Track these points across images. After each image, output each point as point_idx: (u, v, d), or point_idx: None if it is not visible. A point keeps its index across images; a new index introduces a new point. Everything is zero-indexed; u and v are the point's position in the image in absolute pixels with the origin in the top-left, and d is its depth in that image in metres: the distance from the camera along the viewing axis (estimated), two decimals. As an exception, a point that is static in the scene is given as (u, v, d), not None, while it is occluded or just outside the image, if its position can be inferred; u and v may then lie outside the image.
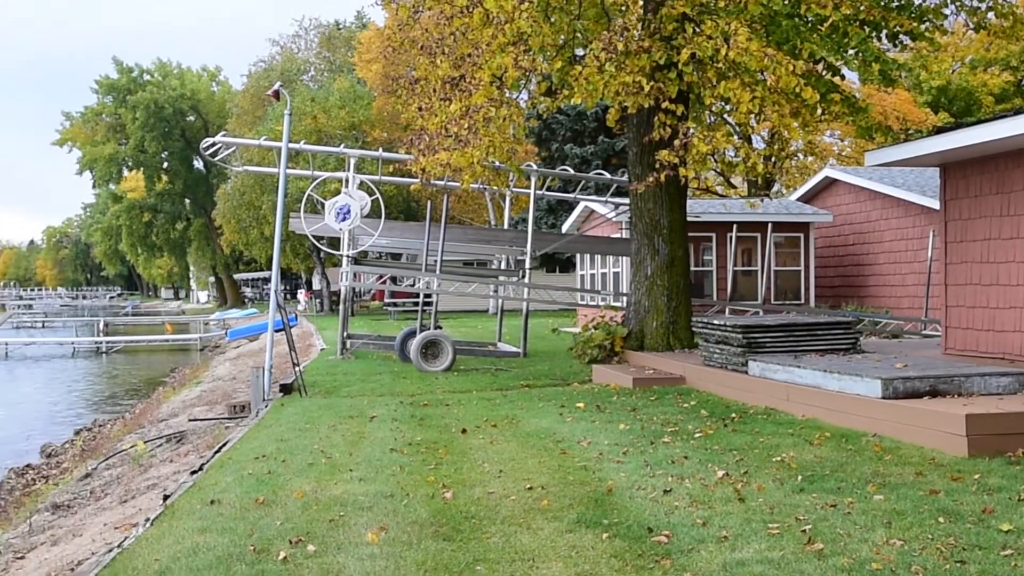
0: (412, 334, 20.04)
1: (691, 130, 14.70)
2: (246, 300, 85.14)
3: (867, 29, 14.64)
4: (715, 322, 14.15)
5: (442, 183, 20.65)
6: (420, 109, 16.51)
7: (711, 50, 13.39)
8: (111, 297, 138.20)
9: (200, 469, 9.48)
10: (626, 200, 21.73)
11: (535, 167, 23.35)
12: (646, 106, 14.47)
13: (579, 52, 16.59)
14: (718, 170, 34.93)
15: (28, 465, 18.43)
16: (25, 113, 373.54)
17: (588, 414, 11.78)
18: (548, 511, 6.97)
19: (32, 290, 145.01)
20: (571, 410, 12.17)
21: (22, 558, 9.03)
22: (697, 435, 9.85)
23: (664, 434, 9.99)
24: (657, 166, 14.77)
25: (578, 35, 16.15)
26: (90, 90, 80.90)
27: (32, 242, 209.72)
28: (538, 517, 6.82)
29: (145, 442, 15.14)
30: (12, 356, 48.82)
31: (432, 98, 16.12)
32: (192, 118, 79.24)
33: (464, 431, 10.74)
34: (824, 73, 15.96)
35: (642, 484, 7.69)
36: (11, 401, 31.43)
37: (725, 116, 19.54)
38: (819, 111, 16.36)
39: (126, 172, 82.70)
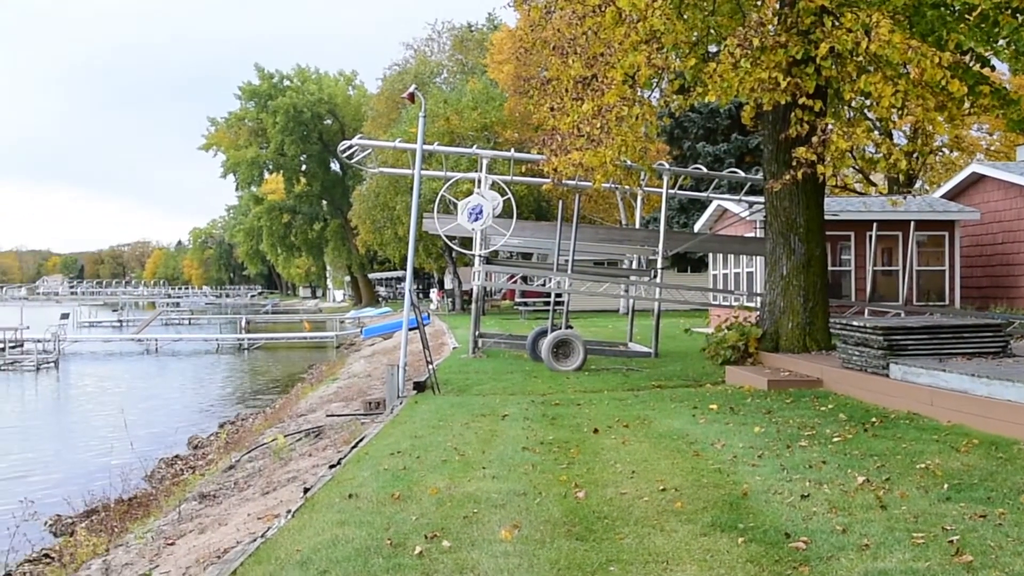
0: (543, 333, 20.12)
1: (830, 126, 14.30)
2: (380, 299, 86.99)
3: (1019, 17, 13.96)
4: (854, 323, 13.75)
5: (573, 183, 20.65)
6: (552, 109, 16.54)
7: (851, 43, 12.98)
8: (252, 296, 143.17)
9: (338, 463, 9.72)
10: (760, 198, 21.33)
11: (667, 166, 23.13)
12: (782, 102, 14.14)
13: (713, 49, 16.34)
14: (857, 167, 33.87)
15: (176, 456, 19.27)
16: (174, 120, 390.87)
17: (722, 416, 11.60)
18: (682, 513, 6.89)
19: (179, 289, 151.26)
20: (704, 411, 12.01)
21: (172, 544, 9.43)
22: (835, 439, 9.59)
23: (801, 438, 9.75)
24: (794, 163, 14.43)
25: (712, 31, 15.89)
26: (234, 96, 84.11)
27: (180, 243, 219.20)
28: (672, 519, 6.75)
29: (285, 436, 15.60)
30: (161, 352, 51.10)
31: (564, 98, 16.13)
32: (329, 121, 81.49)
33: (596, 431, 10.72)
34: (972, 64, 15.30)
35: (778, 488, 7.53)
36: (161, 395, 32.92)
37: (865, 111, 18.93)
38: (966, 104, 15.69)
39: (267, 175, 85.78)
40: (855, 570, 5.53)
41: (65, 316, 57.74)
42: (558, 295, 22.34)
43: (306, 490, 8.54)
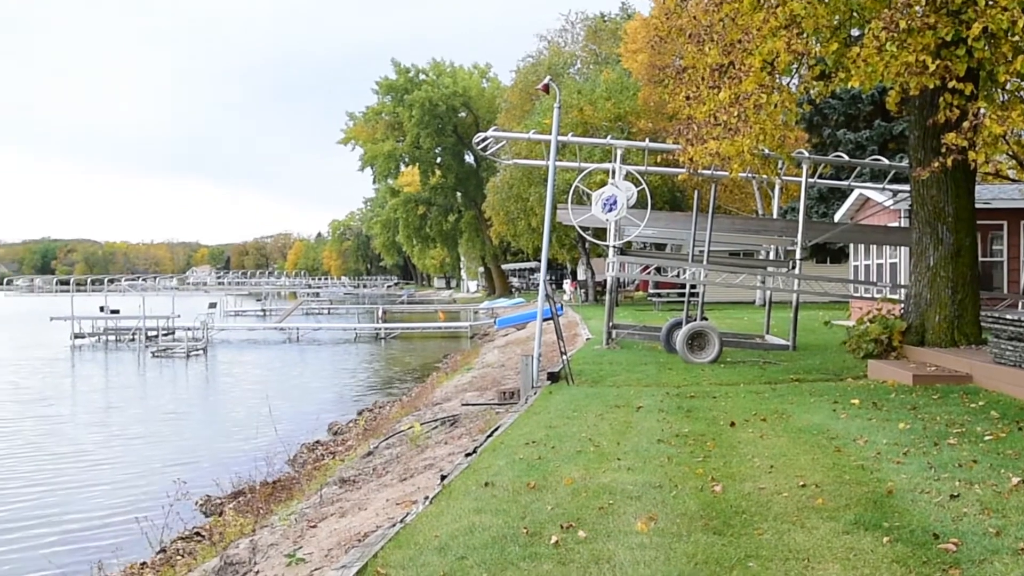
0: (677, 325, 19.92)
1: (982, 110, 13.66)
2: (513, 289, 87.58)
3: None
4: (1008, 316, 13.13)
5: (709, 172, 20.35)
6: (688, 98, 16.32)
7: (1006, 22, 12.36)
8: (388, 286, 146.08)
9: (474, 452, 9.84)
10: (906, 187, 20.60)
11: (806, 154, 22.53)
12: (930, 86, 13.58)
13: (855, 32, 15.82)
14: (1011, 153, 32.30)
15: (317, 441, 19.88)
16: (314, 116, 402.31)
17: (864, 411, 11.25)
18: (823, 510, 6.72)
19: (319, 279, 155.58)
20: (845, 406, 11.68)
21: (315, 527, 9.73)
22: (987, 438, 9.17)
23: (949, 435, 9.37)
24: (943, 150, 13.84)
25: (855, 14, 15.35)
26: (371, 91, 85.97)
27: (319, 234, 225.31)
28: (812, 516, 6.59)
29: (421, 424, 15.89)
30: (302, 340, 52.74)
31: (700, 86, 15.89)
32: (463, 114, 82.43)
33: (732, 424, 10.55)
34: None
35: (925, 487, 7.26)
36: (302, 381, 33.99)
37: (1021, 94, 18.02)
38: None
39: (403, 167, 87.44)
40: (1010, 575, 5.29)
41: (213, 305, 60.31)
42: (693, 286, 22.05)
43: (443, 477, 8.68)
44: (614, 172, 21.20)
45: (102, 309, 52.22)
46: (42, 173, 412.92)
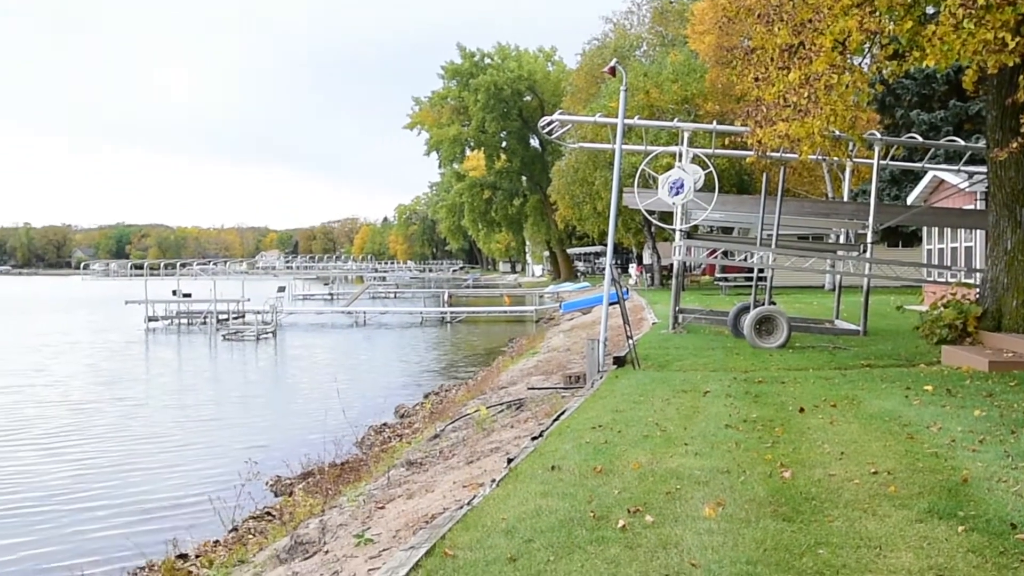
0: (745, 309, 19.72)
1: (1063, 89, 13.26)
2: (578, 274, 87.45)
3: None
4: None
5: (778, 155, 20.04)
6: (756, 79, 16.07)
7: (1089, -2, 11.97)
8: (454, 270, 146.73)
9: (540, 436, 9.86)
10: (982, 168, 20.10)
11: (878, 135, 22.06)
12: (1009, 64, 13.20)
13: (931, 10, 15.45)
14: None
15: (384, 424, 20.09)
16: (381, 101, 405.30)
17: (937, 398, 11.04)
18: (895, 498, 6.61)
19: (385, 263, 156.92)
20: (918, 393, 11.46)
21: (382, 508, 9.83)
22: (1067, 426, 8.95)
23: (1027, 423, 9.16)
24: (1022, 130, 13.48)
25: (930, -8, 15.01)
26: (436, 76, 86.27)
27: (385, 219, 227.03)
28: (884, 503, 6.49)
29: (487, 408, 15.95)
30: (369, 324, 53.27)
31: (769, 67, 15.63)
32: (529, 98, 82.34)
33: (801, 410, 10.42)
34: None
35: (1002, 476, 7.10)
36: (369, 365, 34.35)
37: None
38: None
39: (468, 152, 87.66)
40: (1091, 566, 5.16)
41: (282, 289, 61.16)
42: (760, 270, 21.78)
43: (509, 461, 8.71)
44: (681, 155, 21.00)
45: (174, 293, 53.36)
46: (117, 160, 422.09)
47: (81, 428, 20.70)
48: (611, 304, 16.92)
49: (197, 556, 11.08)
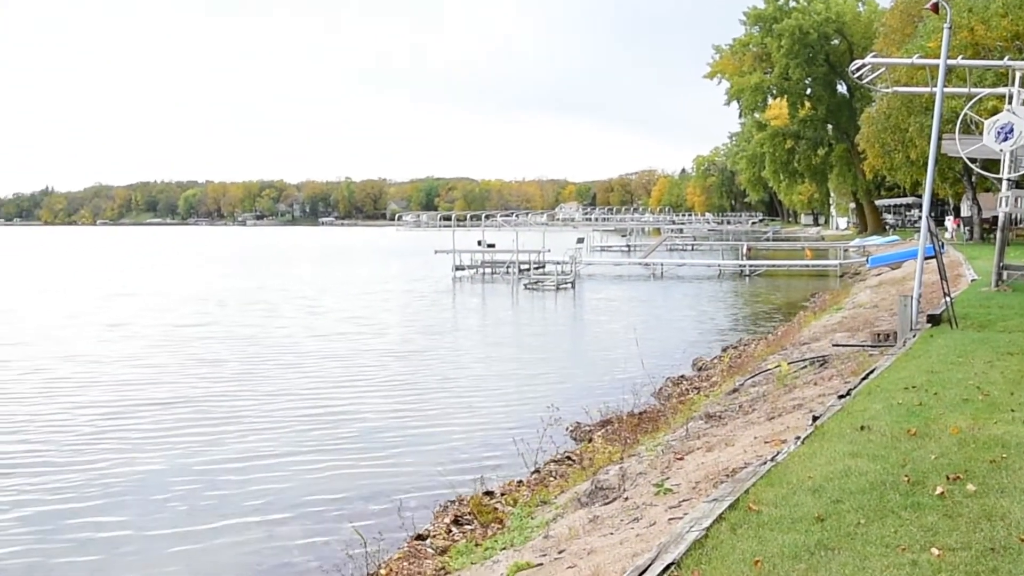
0: (1083, 267, 17.91)
1: None
2: (887, 227, 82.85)
3: None
4: None
5: None
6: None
7: None
8: (753, 222, 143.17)
9: (847, 394, 9.49)
10: None
11: None
12: None
13: None
14: None
15: (682, 376, 20.07)
16: (680, 50, 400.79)
17: None
18: None
19: (682, 215, 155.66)
20: None
21: (681, 459, 9.86)
22: None
23: None
24: None
25: None
26: (738, 22, 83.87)
27: (683, 171, 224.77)
28: None
29: (788, 363, 15.53)
30: (666, 276, 53.27)
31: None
32: (836, 42, 78.46)
33: None
34: None
35: None
36: (666, 317, 34.40)
37: None
38: None
39: (770, 100, 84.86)
40: None
41: (581, 241, 62.31)
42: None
43: (815, 418, 8.45)
44: (1011, 97, 19.25)
45: (479, 243, 55.72)
46: (427, 115, 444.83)
47: (401, 375, 21.84)
48: (927, 258, 15.88)
49: (502, 494, 11.60)
